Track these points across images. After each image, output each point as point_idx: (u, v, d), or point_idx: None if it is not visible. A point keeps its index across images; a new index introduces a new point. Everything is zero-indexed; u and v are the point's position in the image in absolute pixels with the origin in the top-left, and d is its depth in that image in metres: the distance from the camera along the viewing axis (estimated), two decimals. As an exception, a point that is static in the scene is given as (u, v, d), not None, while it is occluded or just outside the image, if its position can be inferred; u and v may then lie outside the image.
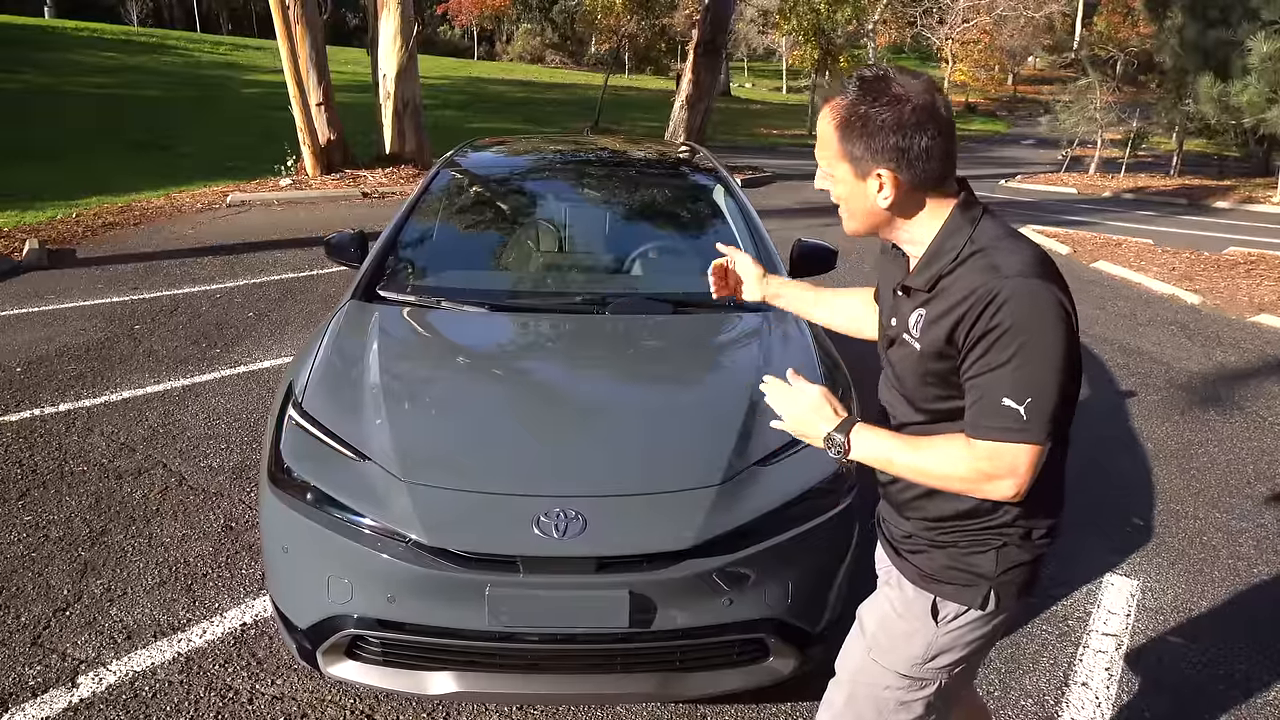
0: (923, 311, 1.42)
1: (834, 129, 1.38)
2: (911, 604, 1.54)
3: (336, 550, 2.15)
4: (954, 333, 1.36)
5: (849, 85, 1.37)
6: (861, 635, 1.62)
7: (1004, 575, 1.48)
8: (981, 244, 1.38)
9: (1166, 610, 3.07)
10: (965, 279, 1.36)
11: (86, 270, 7.11)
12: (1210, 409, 5.05)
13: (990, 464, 1.34)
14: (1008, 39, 38.84)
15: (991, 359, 1.32)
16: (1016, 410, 1.31)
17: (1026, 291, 1.31)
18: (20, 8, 38.40)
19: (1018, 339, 1.30)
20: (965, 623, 1.52)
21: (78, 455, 3.89)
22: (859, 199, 1.42)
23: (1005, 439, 1.33)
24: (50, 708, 2.41)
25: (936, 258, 1.41)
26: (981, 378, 1.34)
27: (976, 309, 1.32)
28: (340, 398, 2.56)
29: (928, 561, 1.52)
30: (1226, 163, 20.10)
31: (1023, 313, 1.30)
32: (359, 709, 2.43)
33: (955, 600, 1.50)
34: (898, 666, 1.55)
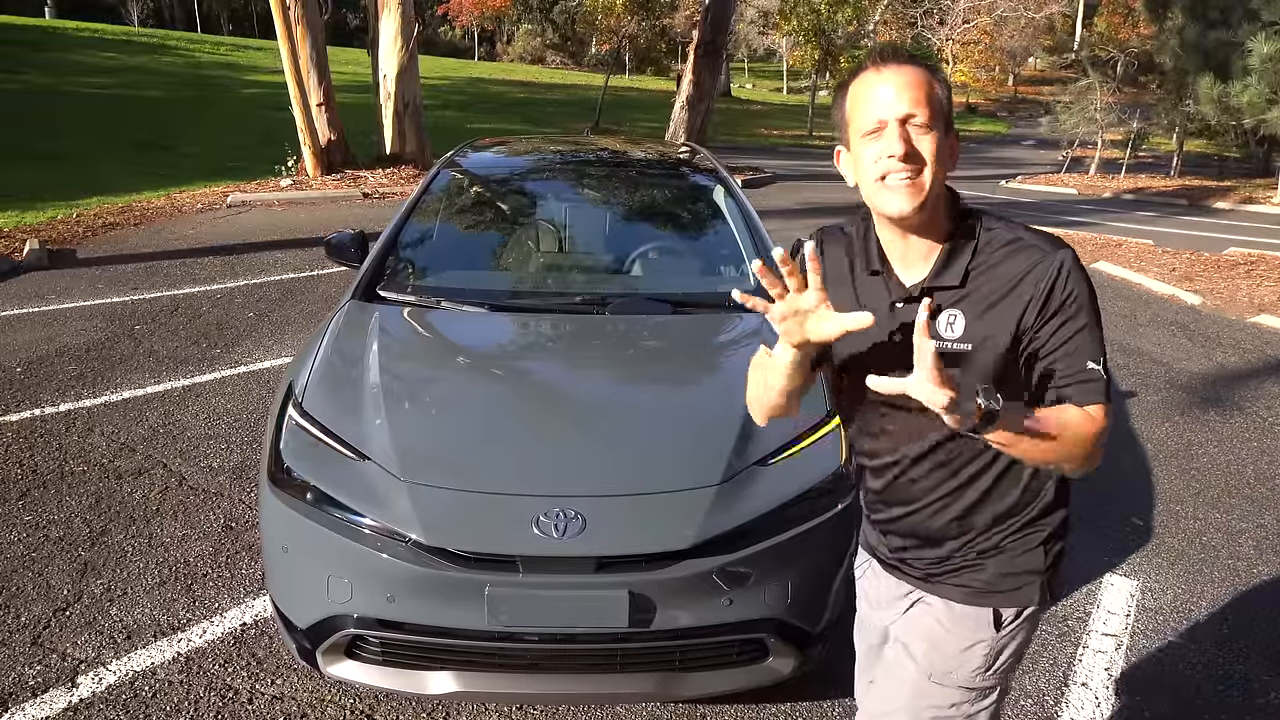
0: (957, 311, 1.37)
1: (938, 87, 1.36)
2: (965, 619, 1.50)
3: (336, 550, 2.15)
4: (1025, 314, 1.35)
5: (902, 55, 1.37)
6: (911, 661, 1.55)
7: (1051, 567, 1.50)
8: (997, 228, 1.41)
9: (1166, 610, 3.07)
10: (1009, 264, 1.37)
11: (87, 270, 7.11)
12: (1210, 409, 5.05)
13: (1102, 428, 1.34)
14: (1008, 40, 38.87)
15: (1072, 325, 1.34)
16: (1098, 370, 1.35)
17: (1075, 259, 1.37)
18: (20, 8, 38.42)
19: (1085, 304, 1.35)
20: (1023, 621, 1.51)
21: (78, 455, 3.89)
22: (944, 150, 1.36)
23: (1102, 399, 1.34)
24: (50, 707, 2.41)
25: (956, 254, 1.39)
26: (1066, 345, 1.35)
27: (1048, 280, 1.34)
28: (340, 398, 2.56)
29: (977, 577, 1.49)
30: (1227, 163, 20.11)
31: (1081, 279, 1.36)
32: (359, 709, 2.43)
33: (1014, 605, 1.48)
34: (961, 682, 1.51)
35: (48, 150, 13.36)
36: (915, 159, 1.33)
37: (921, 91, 1.33)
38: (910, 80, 1.34)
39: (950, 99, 1.39)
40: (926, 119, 1.33)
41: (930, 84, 1.35)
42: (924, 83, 1.34)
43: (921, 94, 1.33)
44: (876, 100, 1.34)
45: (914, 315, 1.27)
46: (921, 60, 1.38)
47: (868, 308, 1.36)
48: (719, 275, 3.60)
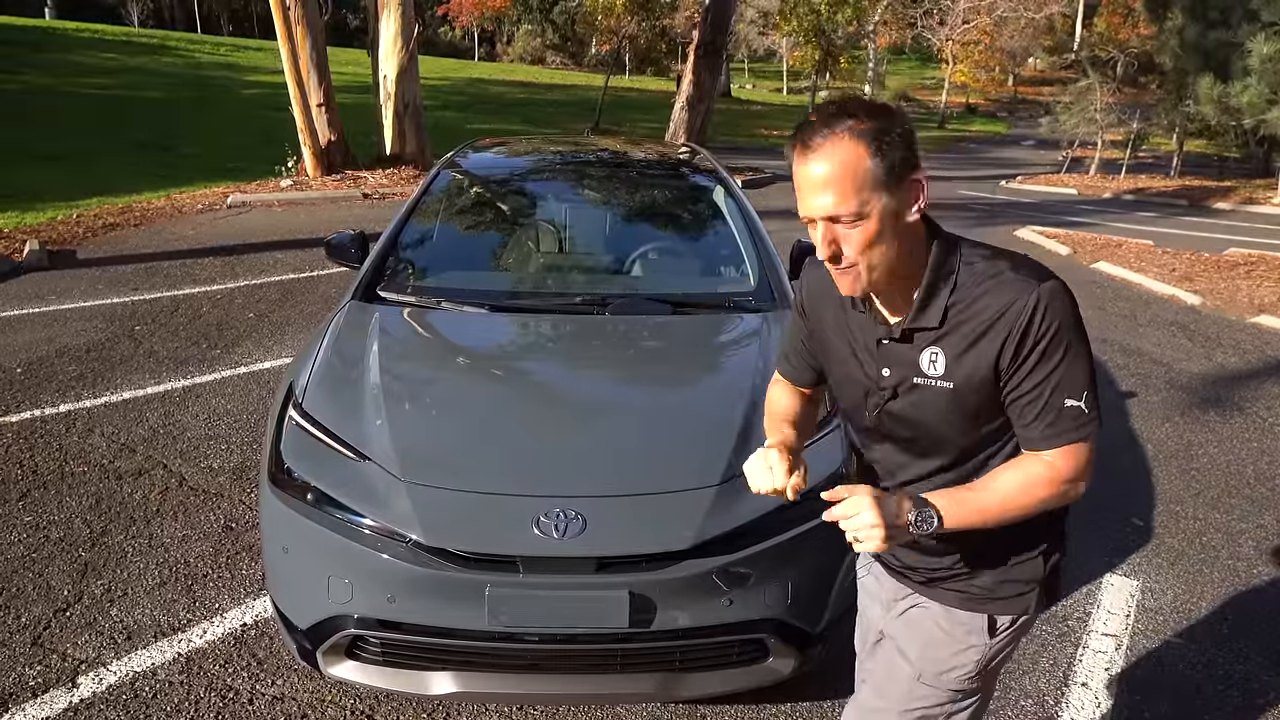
0: (938, 350, 1.38)
1: (867, 156, 1.26)
2: (961, 624, 1.52)
3: (336, 550, 2.15)
4: (1001, 355, 1.33)
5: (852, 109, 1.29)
6: (905, 662, 1.57)
7: (1050, 576, 1.51)
8: (977, 262, 1.37)
9: (1166, 610, 3.07)
10: (987, 300, 1.34)
11: (87, 271, 7.11)
12: (1210, 410, 5.05)
13: (1073, 467, 1.35)
14: (1008, 40, 38.87)
15: (1046, 365, 1.32)
16: (1079, 407, 1.33)
17: (1057, 292, 1.33)
18: (20, 8, 38.43)
19: (1065, 339, 1.32)
20: (1018, 626, 1.53)
21: (78, 456, 3.89)
22: (893, 227, 1.31)
23: (1080, 437, 1.34)
24: (50, 708, 2.42)
25: (934, 293, 1.37)
26: (1041, 385, 1.33)
27: (1022, 321, 1.31)
28: (340, 398, 2.56)
29: (975, 583, 1.50)
30: (1227, 164, 20.10)
31: (1063, 313, 1.33)
32: (359, 709, 2.43)
33: (1010, 612, 1.51)
34: (952, 685, 1.54)
35: (48, 151, 13.36)
36: (845, 259, 1.33)
37: (846, 182, 1.27)
38: (833, 170, 1.27)
39: (902, 148, 1.28)
40: (852, 211, 1.28)
41: (857, 163, 1.26)
42: (849, 167, 1.26)
43: (846, 185, 1.27)
44: (804, 191, 1.31)
45: (900, 349, 1.40)
46: (856, 118, 1.27)
47: (858, 338, 1.47)
48: (719, 276, 3.60)
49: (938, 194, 15.16)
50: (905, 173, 1.30)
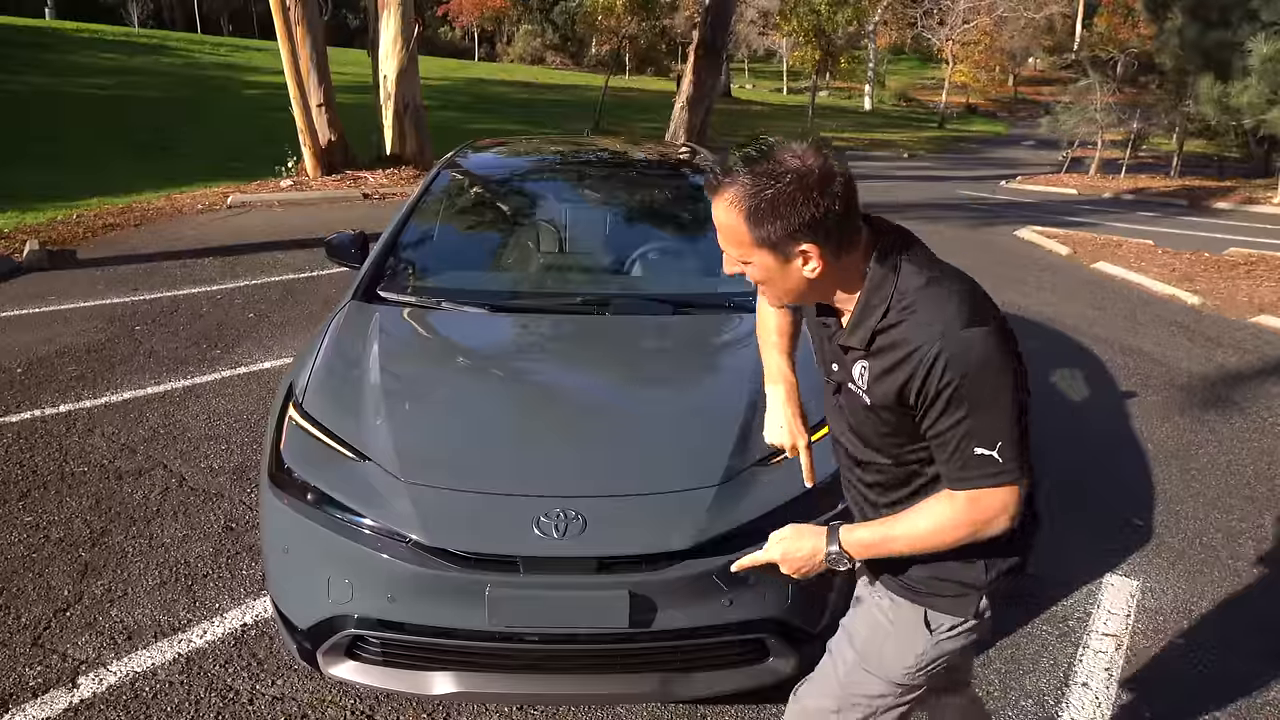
0: (866, 364, 1.40)
1: (742, 220, 1.30)
2: (904, 617, 1.54)
3: (337, 551, 2.16)
4: (904, 391, 1.35)
5: (738, 171, 1.29)
6: (850, 647, 1.61)
7: (994, 582, 1.49)
8: (908, 295, 1.35)
9: (1166, 611, 3.07)
10: (903, 335, 1.34)
11: (87, 271, 7.11)
12: (1210, 410, 5.05)
13: (980, 512, 1.37)
14: (1008, 40, 38.89)
15: (951, 415, 1.33)
16: (991, 456, 1.33)
17: (967, 345, 1.30)
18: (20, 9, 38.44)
19: (971, 392, 1.31)
20: (959, 632, 1.52)
21: (78, 456, 3.89)
22: (783, 278, 1.37)
23: (990, 485, 1.35)
24: (51, 708, 2.41)
25: (866, 315, 1.38)
26: (947, 434, 1.34)
27: (923, 369, 1.31)
28: (341, 398, 2.57)
29: (915, 574, 1.51)
30: (1227, 164, 20.09)
31: (969, 366, 1.30)
32: (359, 709, 2.43)
33: (948, 613, 1.51)
34: (892, 676, 1.55)
35: (48, 151, 13.37)
36: (753, 281, 1.41)
37: (726, 235, 1.35)
38: (717, 219, 1.34)
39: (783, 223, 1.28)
40: (738, 257, 1.37)
41: (733, 224, 1.31)
42: (724, 225, 1.34)
43: (727, 238, 1.35)
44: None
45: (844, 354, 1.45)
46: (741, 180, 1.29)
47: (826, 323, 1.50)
48: (719, 276, 3.59)
49: (938, 195, 15.18)
50: (786, 244, 1.31)
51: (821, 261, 1.34)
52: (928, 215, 12.26)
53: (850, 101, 41.81)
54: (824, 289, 1.40)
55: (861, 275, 1.38)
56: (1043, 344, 6.22)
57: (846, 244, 1.35)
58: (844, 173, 1.32)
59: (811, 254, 1.32)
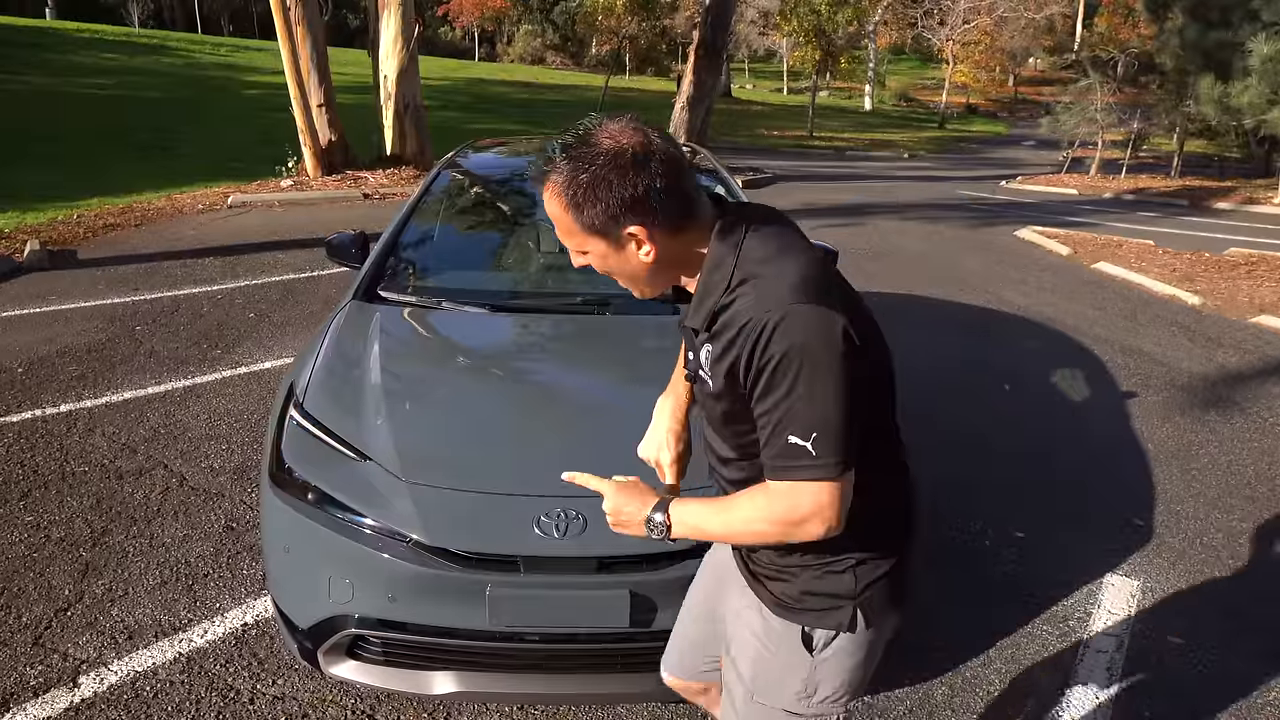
0: (710, 347, 1.33)
1: (564, 210, 1.27)
2: (781, 637, 1.45)
3: (337, 550, 2.16)
4: (734, 369, 1.28)
5: (557, 158, 1.26)
6: (739, 680, 1.52)
7: (866, 592, 1.41)
8: (747, 271, 1.28)
9: (1167, 611, 3.07)
10: (737, 312, 1.27)
11: (88, 271, 7.11)
12: (1211, 410, 5.05)
13: (791, 507, 1.27)
14: (1008, 40, 38.90)
15: (772, 396, 1.24)
16: (804, 447, 1.23)
17: (794, 318, 1.22)
18: (21, 9, 38.45)
19: (791, 371, 1.22)
20: (839, 648, 1.43)
21: (79, 456, 3.89)
22: (623, 265, 1.32)
23: (799, 478, 1.25)
24: (52, 707, 2.42)
25: (706, 294, 1.32)
26: (766, 415, 1.26)
27: (748, 344, 1.24)
28: (341, 398, 2.57)
29: (786, 589, 1.44)
30: (1227, 164, 20.10)
31: (792, 343, 1.21)
32: (360, 709, 2.44)
33: (821, 626, 1.42)
34: (783, 704, 1.47)
35: (48, 151, 13.38)
36: (600, 271, 1.37)
37: (559, 227, 1.32)
38: (550, 210, 1.31)
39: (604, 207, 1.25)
40: (575, 248, 1.34)
41: (561, 214, 1.29)
42: (555, 217, 1.31)
43: (562, 225, 1.32)
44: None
45: (695, 340, 1.39)
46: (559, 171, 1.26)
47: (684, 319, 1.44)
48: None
49: (938, 195, 15.18)
50: (613, 227, 1.27)
51: (653, 244, 1.29)
52: (928, 215, 12.26)
53: (850, 101, 41.83)
54: (668, 273, 1.35)
55: (707, 237, 1.33)
56: (1043, 344, 6.23)
57: (679, 223, 1.29)
58: (665, 150, 1.26)
59: (640, 236, 1.27)
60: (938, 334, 6.39)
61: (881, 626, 1.45)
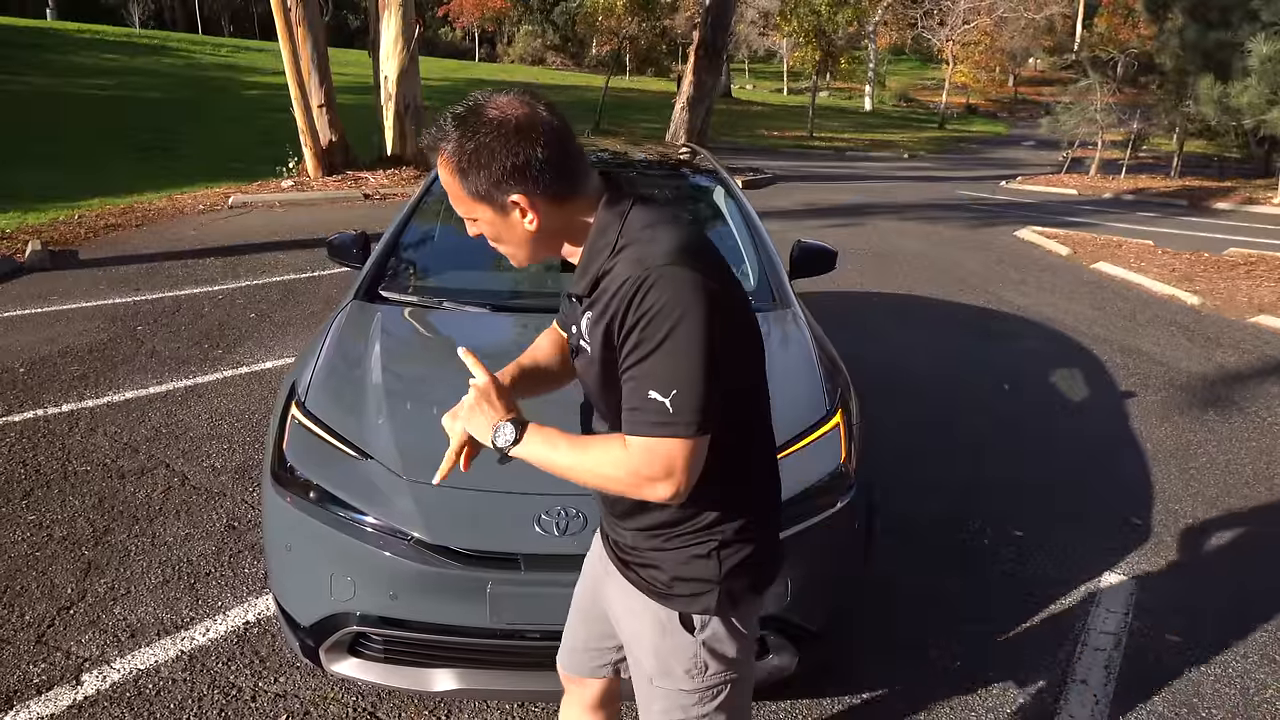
0: (590, 314, 1.37)
1: (453, 176, 1.32)
2: (664, 622, 1.48)
3: (339, 548, 2.17)
4: (610, 330, 1.31)
5: (447, 128, 1.31)
6: (640, 670, 1.56)
7: (730, 576, 1.44)
8: (630, 237, 1.33)
9: (1164, 609, 3.08)
10: (617, 274, 1.31)
11: (89, 271, 7.13)
12: (1209, 409, 5.06)
13: (644, 462, 1.29)
14: (1008, 40, 38.92)
15: (639, 351, 1.27)
16: (662, 403, 1.25)
17: (668, 278, 1.26)
18: (22, 9, 38.48)
19: (661, 328, 1.25)
20: (714, 632, 1.47)
21: (81, 455, 3.91)
22: (509, 233, 1.36)
23: (653, 434, 1.27)
24: (55, 705, 2.43)
25: (591, 259, 1.36)
26: (631, 370, 1.29)
27: (624, 302, 1.27)
28: (343, 397, 2.58)
29: (656, 575, 1.47)
30: (1227, 164, 20.12)
31: (664, 300, 1.25)
32: (361, 706, 2.45)
33: (691, 610, 1.45)
34: (679, 685, 1.50)
35: (49, 151, 13.39)
36: (491, 242, 1.40)
37: (451, 190, 1.35)
38: (442, 179, 1.35)
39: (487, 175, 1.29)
40: (465, 214, 1.37)
41: (451, 182, 1.32)
42: (447, 185, 1.34)
43: (452, 192, 1.35)
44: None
45: (577, 310, 1.42)
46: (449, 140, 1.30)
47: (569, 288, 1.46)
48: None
49: (938, 195, 15.19)
50: (497, 194, 1.31)
51: (535, 212, 1.33)
52: (928, 215, 12.27)
53: (851, 102, 41.84)
54: (552, 241, 1.39)
55: (589, 226, 1.37)
56: (1042, 344, 6.24)
57: (561, 193, 1.33)
58: (549, 121, 1.30)
59: (523, 204, 1.31)
60: (937, 334, 6.40)
61: (749, 607, 1.49)
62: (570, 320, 1.48)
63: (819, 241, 3.75)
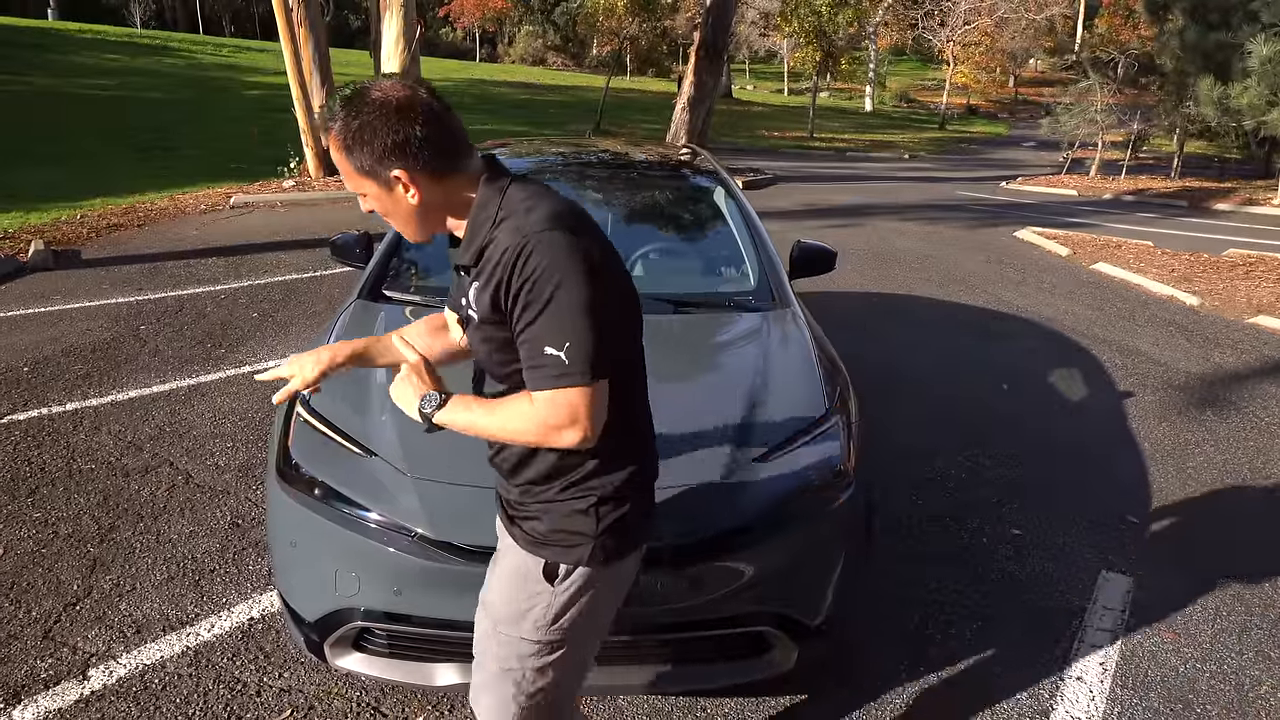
0: (477, 284, 1.49)
1: (341, 153, 1.42)
2: (529, 571, 1.59)
3: (344, 544, 2.19)
4: (497, 296, 1.43)
5: (335, 109, 1.42)
6: (485, 615, 1.67)
7: (604, 531, 1.55)
8: (509, 209, 1.45)
9: (1160, 606, 3.10)
10: (499, 244, 1.43)
11: (91, 271, 7.16)
12: (1207, 409, 5.08)
13: (550, 413, 1.41)
14: (1009, 41, 38.93)
15: (529, 313, 1.39)
16: (558, 356, 1.38)
17: (546, 242, 1.38)
18: (23, 10, 38.51)
19: (546, 288, 1.37)
20: (579, 580, 1.58)
21: (85, 453, 3.93)
22: (395, 207, 1.46)
23: (555, 385, 1.39)
24: (63, 699, 2.46)
25: (475, 232, 1.47)
26: (525, 332, 1.41)
27: (508, 268, 1.39)
28: (347, 395, 2.60)
29: (536, 526, 1.58)
30: (1227, 165, 20.14)
31: (544, 262, 1.37)
32: (365, 701, 2.47)
33: (564, 560, 1.57)
34: (525, 634, 1.60)
35: (51, 152, 13.42)
36: (382, 217, 1.50)
37: (341, 167, 1.45)
38: (333, 157, 1.45)
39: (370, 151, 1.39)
40: (355, 189, 1.47)
41: (340, 155, 1.42)
42: (337, 158, 1.43)
43: (342, 169, 1.45)
44: None
45: (464, 281, 1.53)
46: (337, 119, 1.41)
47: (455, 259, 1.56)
48: (720, 276, 3.64)
49: (938, 196, 15.21)
50: (380, 169, 1.41)
51: (416, 187, 1.43)
52: (928, 216, 12.29)
53: (851, 102, 41.86)
54: (436, 215, 1.49)
55: (472, 201, 1.48)
56: (1042, 344, 6.26)
57: (441, 169, 1.43)
58: (429, 103, 1.41)
59: (404, 178, 1.42)
60: (937, 333, 6.43)
61: (619, 564, 1.60)
62: (460, 294, 1.58)
63: (819, 242, 3.78)
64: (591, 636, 1.68)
